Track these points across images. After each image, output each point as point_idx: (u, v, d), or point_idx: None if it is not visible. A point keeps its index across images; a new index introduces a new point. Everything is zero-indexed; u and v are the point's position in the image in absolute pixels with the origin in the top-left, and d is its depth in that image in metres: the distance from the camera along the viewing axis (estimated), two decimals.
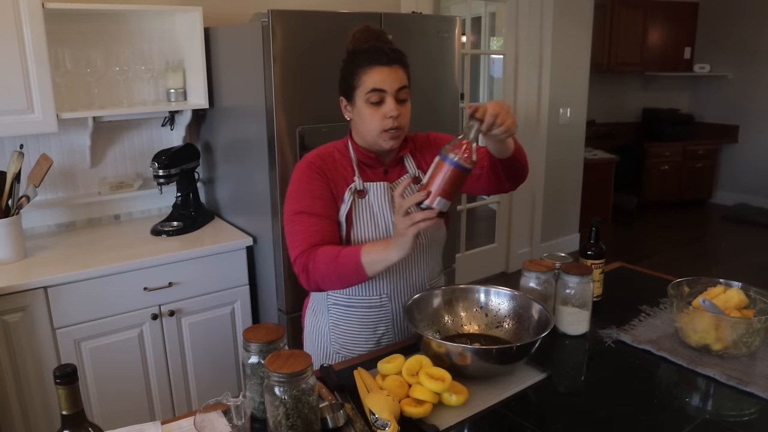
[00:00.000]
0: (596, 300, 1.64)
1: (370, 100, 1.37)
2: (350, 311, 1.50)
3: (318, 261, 1.35)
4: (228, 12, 2.69)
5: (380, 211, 1.45)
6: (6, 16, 1.99)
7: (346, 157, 1.48)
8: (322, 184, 1.43)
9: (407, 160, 1.52)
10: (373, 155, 1.47)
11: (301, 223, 1.41)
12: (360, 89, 1.38)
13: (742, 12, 6.18)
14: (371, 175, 1.48)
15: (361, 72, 1.37)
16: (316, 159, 1.46)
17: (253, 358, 1.11)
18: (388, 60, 1.37)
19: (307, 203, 1.41)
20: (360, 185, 1.45)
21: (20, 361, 1.95)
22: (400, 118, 1.39)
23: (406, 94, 1.40)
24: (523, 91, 4.24)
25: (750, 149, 6.36)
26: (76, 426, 0.91)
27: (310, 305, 1.62)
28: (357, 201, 1.44)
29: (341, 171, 1.46)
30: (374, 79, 1.36)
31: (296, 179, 1.45)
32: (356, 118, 1.43)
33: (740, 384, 1.26)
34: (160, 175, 2.37)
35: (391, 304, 1.50)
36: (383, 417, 1.09)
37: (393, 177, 1.50)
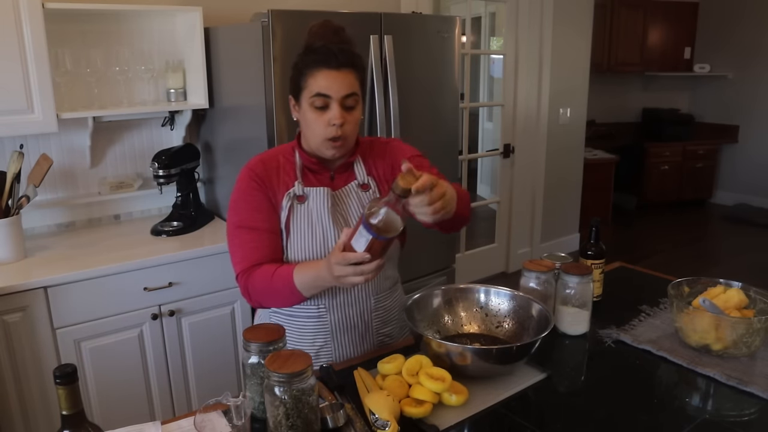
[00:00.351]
0: (596, 300, 1.64)
1: (314, 105, 1.30)
2: (289, 320, 1.44)
3: (255, 283, 1.32)
4: (228, 12, 2.69)
5: (319, 218, 1.37)
6: (6, 16, 1.99)
7: (290, 162, 1.40)
8: (260, 194, 1.36)
9: (357, 166, 1.44)
10: (317, 160, 1.40)
11: (240, 238, 1.36)
12: (305, 92, 1.31)
13: (742, 12, 6.18)
14: (315, 180, 1.41)
15: (308, 74, 1.30)
16: (257, 165, 1.39)
17: (253, 358, 1.11)
18: (338, 63, 1.28)
19: (245, 216, 1.36)
20: (299, 190, 1.37)
21: (20, 361, 1.95)
22: (345, 127, 1.31)
23: (354, 101, 1.32)
24: (523, 91, 4.24)
25: (750, 149, 6.36)
26: (76, 426, 0.90)
27: (256, 316, 1.58)
28: (295, 207, 1.37)
29: (283, 177, 1.39)
30: (320, 84, 1.28)
31: (237, 189, 1.39)
32: (302, 120, 1.36)
33: (740, 384, 1.26)
34: (160, 175, 2.37)
35: (329, 315, 1.42)
36: (383, 417, 1.09)
37: (340, 183, 1.42)
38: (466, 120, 4.05)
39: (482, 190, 6.02)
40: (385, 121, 2.40)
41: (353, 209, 1.41)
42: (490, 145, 5.76)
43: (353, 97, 1.32)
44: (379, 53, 2.34)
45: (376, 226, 1.09)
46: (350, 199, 1.42)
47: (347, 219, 1.40)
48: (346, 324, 1.44)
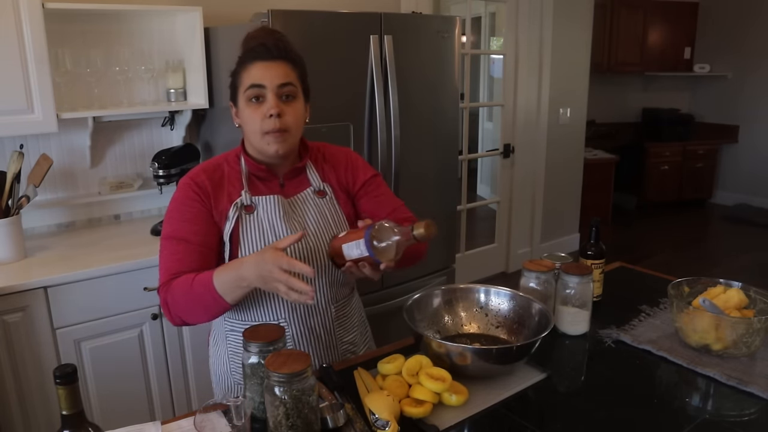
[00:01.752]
0: (596, 300, 1.64)
1: (249, 98, 1.26)
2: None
3: (175, 293, 1.22)
4: (228, 12, 2.69)
5: (271, 227, 1.30)
6: (6, 16, 1.99)
7: (235, 170, 1.33)
8: (197, 205, 1.29)
9: (309, 171, 1.39)
10: (264, 167, 1.33)
11: (166, 250, 1.28)
12: (241, 88, 1.27)
13: (742, 12, 6.18)
14: (263, 189, 1.34)
15: (242, 70, 1.28)
16: (199, 175, 1.32)
17: (253, 358, 1.11)
18: (270, 55, 1.25)
19: (175, 227, 1.28)
20: (247, 200, 1.30)
21: (20, 361, 1.95)
22: (285, 118, 1.25)
23: (291, 91, 1.27)
24: (523, 91, 4.24)
25: (750, 149, 6.36)
26: (76, 426, 0.90)
27: (211, 336, 1.48)
28: (244, 217, 1.30)
29: (227, 186, 1.31)
30: (253, 75, 1.25)
31: (173, 199, 1.32)
32: (243, 122, 1.30)
33: (740, 384, 1.26)
34: (160, 175, 2.37)
35: (290, 328, 1.34)
36: (383, 417, 1.09)
37: (291, 191, 1.36)
38: (466, 120, 4.06)
39: (482, 190, 6.02)
40: (385, 121, 2.41)
41: (311, 216, 1.35)
42: (490, 145, 5.76)
43: (289, 87, 1.27)
44: (379, 53, 2.34)
45: (378, 249, 1.12)
46: (306, 205, 1.36)
47: (305, 226, 1.33)
48: (309, 336, 1.37)
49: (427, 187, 2.70)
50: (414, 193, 2.61)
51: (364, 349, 1.52)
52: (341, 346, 1.44)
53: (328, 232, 1.35)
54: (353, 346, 1.48)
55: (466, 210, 4.24)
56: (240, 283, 1.17)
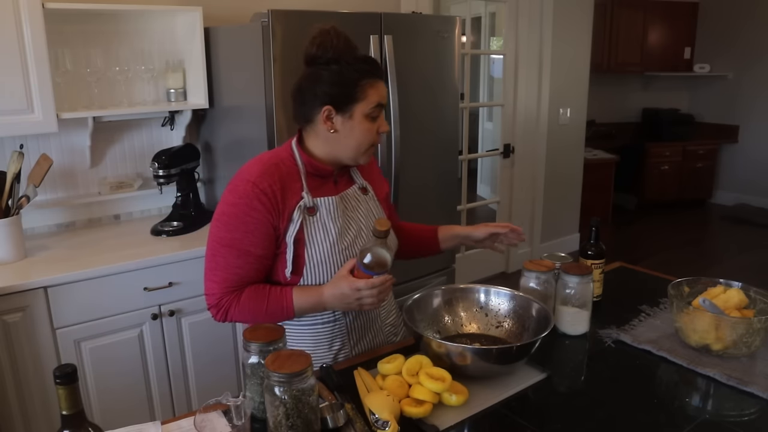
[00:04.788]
0: (596, 300, 1.64)
1: (371, 115, 1.32)
2: (303, 329, 1.41)
3: (243, 306, 1.32)
4: (228, 12, 2.69)
5: (334, 227, 1.35)
6: (6, 16, 1.99)
7: (292, 170, 1.34)
8: (262, 216, 1.28)
9: (353, 172, 1.48)
10: (330, 168, 1.38)
11: (225, 259, 1.30)
12: (364, 103, 1.30)
13: (742, 12, 6.18)
14: (320, 186, 1.38)
15: (367, 84, 1.30)
16: (263, 179, 1.29)
17: (253, 358, 1.11)
18: (382, 74, 1.36)
19: (237, 236, 1.29)
20: (309, 202, 1.33)
21: (20, 361, 1.95)
22: None
23: None
24: (523, 91, 4.24)
25: (750, 149, 6.36)
26: (76, 426, 0.91)
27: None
28: (308, 219, 1.33)
29: (288, 188, 1.32)
30: (380, 94, 1.32)
31: (233, 202, 1.30)
32: (345, 131, 1.32)
33: (740, 384, 1.26)
34: (160, 175, 2.36)
35: (345, 318, 1.42)
36: (383, 417, 1.09)
37: (342, 187, 1.43)
38: (466, 120, 4.05)
39: (482, 190, 6.02)
40: None
41: (361, 212, 1.44)
42: (490, 145, 5.76)
43: None
44: (379, 53, 2.34)
45: (369, 266, 1.25)
46: (355, 201, 1.45)
47: (358, 222, 1.42)
48: (360, 322, 1.46)
49: (427, 187, 2.70)
50: (414, 193, 2.61)
51: (402, 333, 1.60)
52: (385, 329, 1.54)
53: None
54: (394, 327, 1.58)
55: (466, 210, 4.24)
56: (319, 308, 1.33)
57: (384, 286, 1.28)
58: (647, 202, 6.33)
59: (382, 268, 1.26)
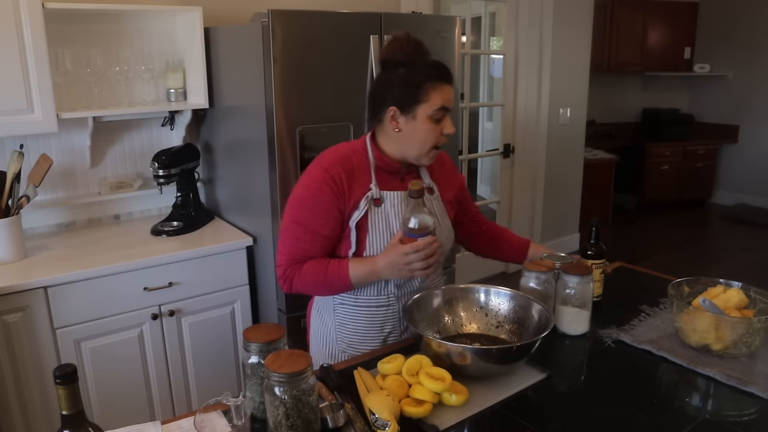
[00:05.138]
0: (596, 300, 1.64)
1: (434, 117, 1.38)
2: (358, 311, 1.51)
3: (305, 277, 1.43)
4: (228, 12, 2.69)
5: (396, 219, 1.45)
6: (6, 16, 1.99)
7: (364, 162, 1.45)
8: (330, 199, 1.40)
9: (422, 171, 1.54)
10: (397, 165, 1.47)
11: (294, 233, 1.43)
12: (427, 105, 1.37)
13: (742, 12, 6.18)
14: (388, 181, 1.47)
15: (431, 87, 1.37)
16: (334, 167, 1.42)
17: (253, 358, 1.11)
18: (450, 78, 1.41)
19: (307, 216, 1.41)
20: (377, 193, 1.44)
21: (20, 361, 1.95)
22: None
23: None
24: (523, 91, 4.24)
25: (750, 149, 6.36)
26: (76, 426, 0.91)
27: (314, 306, 1.63)
28: (373, 209, 1.44)
29: (358, 178, 1.44)
30: (444, 97, 1.38)
31: (306, 185, 1.43)
32: (408, 131, 1.40)
33: (740, 384, 1.26)
34: (160, 175, 2.36)
35: (398, 303, 1.51)
36: (383, 417, 1.09)
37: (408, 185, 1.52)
38: (466, 120, 4.05)
39: (482, 190, 6.01)
40: None
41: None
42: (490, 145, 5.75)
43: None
44: (379, 53, 2.34)
45: (413, 230, 1.32)
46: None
47: None
48: None
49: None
50: None
51: None
52: None
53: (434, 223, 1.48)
54: None
55: None
56: (373, 278, 1.41)
57: (430, 249, 1.32)
58: (647, 202, 6.33)
59: (424, 230, 1.32)
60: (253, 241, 2.38)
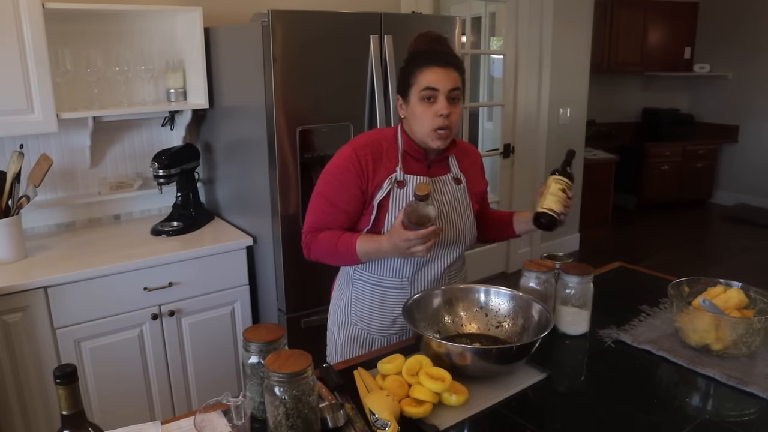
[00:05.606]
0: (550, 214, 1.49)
1: (423, 98, 1.44)
2: (372, 288, 1.58)
3: (320, 244, 1.52)
4: (228, 12, 2.69)
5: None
6: (6, 16, 1.99)
7: (393, 147, 1.53)
8: (353, 178, 1.49)
9: (451, 161, 1.60)
10: (422, 151, 1.53)
11: (318, 204, 1.54)
12: (415, 87, 1.46)
13: (742, 12, 6.18)
14: (415, 167, 1.54)
15: (418, 71, 1.45)
16: (362, 149, 1.51)
17: (253, 358, 1.11)
18: (445, 62, 1.44)
19: (331, 190, 1.51)
20: (401, 176, 1.51)
21: (20, 361, 1.95)
22: (450, 118, 1.45)
23: (458, 95, 1.46)
24: (523, 91, 4.24)
25: (750, 149, 6.36)
26: (76, 426, 0.91)
27: (338, 280, 1.71)
28: (395, 190, 1.51)
29: (385, 161, 1.52)
30: (428, 78, 1.43)
31: (335, 163, 1.53)
32: (409, 115, 1.50)
33: (740, 384, 1.26)
34: (160, 175, 2.36)
35: (410, 288, 1.56)
36: (383, 417, 1.09)
37: (435, 173, 1.57)
38: (466, 120, 4.05)
39: None
40: (385, 121, 2.40)
41: (447, 198, 1.56)
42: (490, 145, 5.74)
43: (456, 92, 1.46)
44: (379, 53, 2.34)
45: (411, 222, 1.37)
46: (445, 187, 1.57)
47: (441, 205, 1.54)
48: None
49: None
50: None
51: None
52: None
53: (458, 213, 1.57)
54: None
55: None
56: (378, 255, 1.48)
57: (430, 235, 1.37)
58: (647, 202, 6.33)
59: (423, 223, 1.36)
60: (253, 241, 2.38)
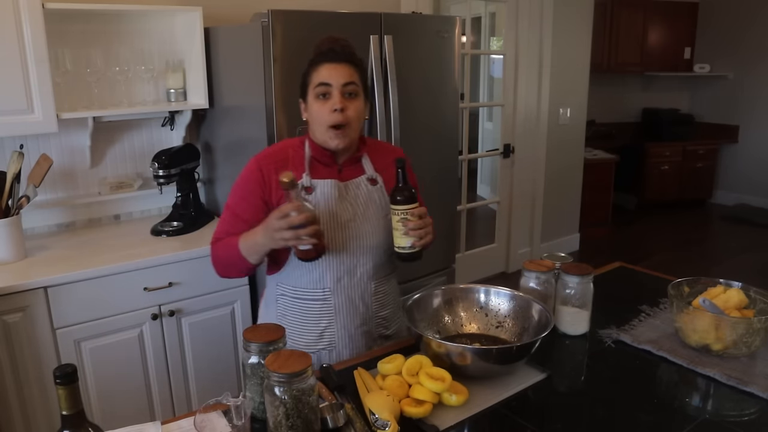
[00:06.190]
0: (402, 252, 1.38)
1: (317, 94, 1.43)
2: (295, 302, 1.53)
3: (218, 251, 1.51)
4: (228, 12, 2.69)
5: (326, 206, 1.46)
6: (6, 16, 1.99)
7: (299, 154, 1.51)
8: (254, 188, 1.47)
9: (365, 162, 1.55)
10: (328, 153, 1.49)
11: (225, 216, 1.52)
12: (310, 86, 1.45)
13: (742, 12, 6.18)
14: (324, 172, 1.50)
15: (313, 70, 1.45)
16: (265, 159, 1.50)
17: (253, 358, 1.11)
18: (337, 57, 1.43)
19: (236, 201, 1.51)
20: (307, 182, 1.47)
21: (20, 361, 1.95)
22: (347, 113, 1.42)
23: (354, 89, 1.43)
24: (523, 91, 4.24)
25: (750, 149, 6.36)
26: (76, 426, 0.91)
27: (264, 298, 1.66)
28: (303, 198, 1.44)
29: (291, 168, 1.48)
30: (321, 74, 1.42)
31: (240, 175, 1.51)
32: (309, 117, 1.48)
33: (740, 384, 1.26)
34: (160, 175, 2.36)
35: (334, 298, 1.50)
36: (383, 417, 1.09)
37: (347, 176, 1.52)
38: (466, 120, 4.06)
39: (482, 190, 6.02)
40: (385, 121, 2.40)
41: (361, 199, 1.51)
42: (490, 145, 5.76)
43: (352, 86, 1.43)
44: (379, 53, 2.34)
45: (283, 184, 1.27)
46: (359, 190, 1.52)
47: (355, 208, 1.49)
48: (348, 306, 1.52)
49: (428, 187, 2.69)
50: None
51: (394, 328, 1.63)
52: (375, 320, 1.57)
53: (374, 215, 1.51)
54: (385, 321, 1.60)
55: (466, 210, 4.24)
56: (256, 247, 1.40)
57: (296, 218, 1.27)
58: (647, 202, 6.33)
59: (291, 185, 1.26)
60: None
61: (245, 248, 1.42)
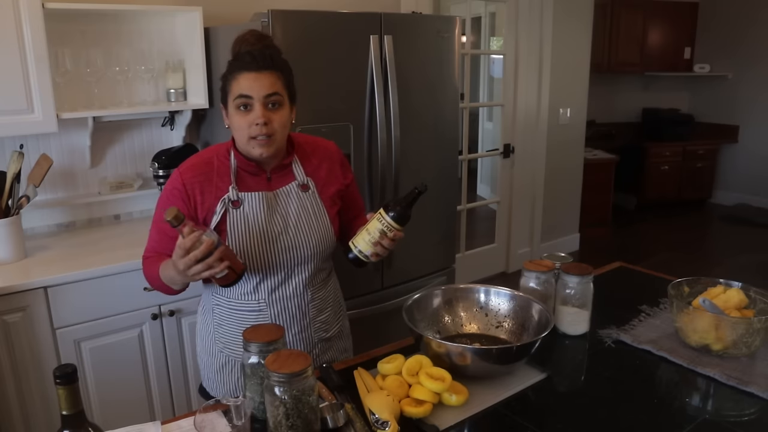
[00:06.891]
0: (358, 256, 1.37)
1: (237, 106, 1.34)
2: (230, 313, 1.49)
3: (145, 270, 1.46)
4: (228, 12, 2.69)
5: (255, 221, 1.40)
6: (6, 16, 1.99)
7: (225, 165, 1.42)
8: (175, 201, 1.39)
9: (295, 167, 1.47)
10: (253, 163, 1.41)
11: (152, 233, 1.47)
12: (230, 96, 1.35)
13: (742, 12, 6.18)
14: (252, 183, 1.43)
15: (231, 79, 1.35)
16: (189, 171, 1.41)
17: (253, 358, 1.11)
18: (258, 66, 1.33)
19: (158, 216, 1.45)
20: (234, 195, 1.40)
21: (20, 361, 1.95)
22: (271, 125, 1.34)
23: (278, 99, 1.35)
24: (523, 91, 4.24)
25: (750, 149, 6.36)
26: (76, 426, 0.91)
27: (201, 304, 1.61)
28: (231, 212, 1.40)
29: (216, 181, 1.41)
30: (241, 85, 1.33)
31: (164, 189, 1.44)
32: (232, 125, 1.38)
33: (740, 384, 1.26)
34: (160, 175, 2.37)
35: (269, 309, 1.47)
36: (383, 417, 1.09)
37: (277, 185, 1.45)
38: (466, 120, 4.06)
39: (482, 190, 6.02)
40: (385, 122, 2.41)
41: (292, 209, 1.45)
42: (490, 145, 5.76)
43: (275, 97, 1.35)
44: (379, 53, 2.34)
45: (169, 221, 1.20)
46: (290, 198, 1.46)
47: (286, 219, 1.44)
48: (285, 316, 1.48)
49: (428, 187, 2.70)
50: None
51: (337, 327, 1.60)
52: (314, 325, 1.53)
53: (308, 224, 1.45)
54: (325, 324, 1.56)
55: (466, 210, 4.24)
56: (175, 279, 1.34)
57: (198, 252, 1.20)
58: (647, 202, 6.33)
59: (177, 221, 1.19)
60: None
61: (166, 279, 1.37)
